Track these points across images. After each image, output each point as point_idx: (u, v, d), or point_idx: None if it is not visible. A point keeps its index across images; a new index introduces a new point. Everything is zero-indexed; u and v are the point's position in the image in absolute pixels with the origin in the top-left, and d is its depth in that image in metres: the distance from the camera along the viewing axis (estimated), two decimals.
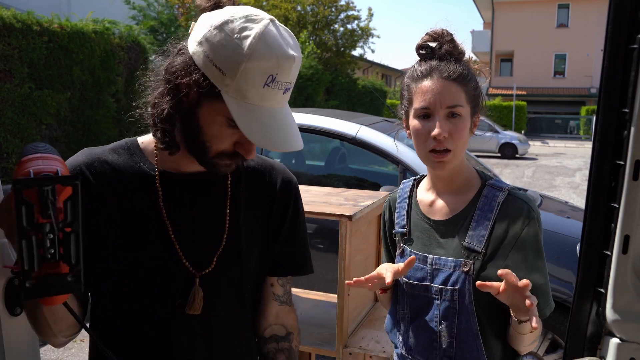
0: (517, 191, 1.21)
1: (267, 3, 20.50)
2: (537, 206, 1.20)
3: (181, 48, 0.96)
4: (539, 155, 20.19)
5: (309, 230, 3.47)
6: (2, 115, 6.64)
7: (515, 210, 1.17)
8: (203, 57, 0.91)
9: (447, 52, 1.20)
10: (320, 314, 2.03)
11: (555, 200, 4.29)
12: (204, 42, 0.91)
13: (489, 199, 1.19)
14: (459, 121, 1.16)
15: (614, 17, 1.04)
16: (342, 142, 3.79)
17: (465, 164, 1.24)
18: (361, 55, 23.50)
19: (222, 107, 0.91)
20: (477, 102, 1.21)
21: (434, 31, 1.22)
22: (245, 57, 0.87)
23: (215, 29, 0.90)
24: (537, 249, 1.17)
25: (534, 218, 1.17)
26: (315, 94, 16.23)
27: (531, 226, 1.16)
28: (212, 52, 0.90)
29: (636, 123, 1.05)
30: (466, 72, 1.19)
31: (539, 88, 34.42)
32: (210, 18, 0.93)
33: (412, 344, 1.28)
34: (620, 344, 1.17)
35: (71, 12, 9.33)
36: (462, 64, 1.20)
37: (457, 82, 1.17)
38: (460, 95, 1.17)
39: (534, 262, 1.17)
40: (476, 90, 1.21)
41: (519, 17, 34.13)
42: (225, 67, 0.89)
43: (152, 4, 11.55)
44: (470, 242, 1.18)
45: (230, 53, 0.88)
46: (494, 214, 1.17)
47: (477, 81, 1.22)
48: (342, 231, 1.63)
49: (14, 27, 6.67)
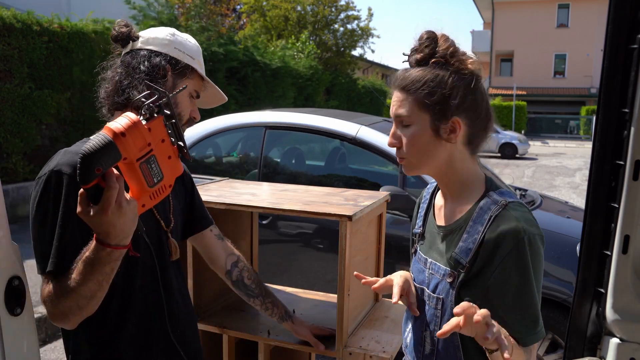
0: (515, 206, 1.11)
1: (267, 3, 20.49)
2: (533, 225, 1.09)
3: (146, 55, 1.33)
4: (539, 155, 20.18)
5: (309, 231, 3.47)
6: (2, 115, 6.64)
7: (506, 228, 1.07)
8: (176, 51, 1.36)
9: (420, 60, 1.16)
10: (320, 314, 2.03)
11: (555, 200, 4.29)
12: (171, 43, 1.36)
13: (484, 210, 1.12)
14: (408, 131, 1.16)
15: (614, 17, 1.05)
16: (342, 142, 3.79)
17: (467, 170, 1.19)
18: (361, 55, 23.48)
19: (192, 82, 1.38)
20: (440, 108, 1.13)
21: (420, 35, 1.18)
22: (197, 47, 1.43)
23: (170, 35, 1.38)
24: (522, 273, 1.07)
25: (522, 240, 1.06)
26: (315, 94, 16.21)
27: (519, 248, 1.06)
28: (180, 47, 1.37)
29: (636, 123, 1.05)
30: (424, 79, 1.13)
31: (539, 88, 34.42)
32: (156, 32, 1.37)
33: (407, 342, 1.30)
34: (620, 344, 1.17)
35: (71, 12, 9.33)
36: (432, 69, 1.14)
37: (405, 91, 1.15)
38: (406, 105, 1.15)
39: (518, 287, 1.07)
40: (434, 97, 1.12)
41: (519, 17, 34.13)
42: (192, 53, 1.39)
43: (152, 4, 11.53)
44: (458, 253, 1.14)
45: (192, 45, 1.41)
46: (484, 228, 1.10)
47: (450, 84, 1.12)
48: (342, 231, 1.63)
49: (14, 27, 6.67)
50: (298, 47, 16.88)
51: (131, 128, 0.94)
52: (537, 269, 1.08)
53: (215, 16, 15.16)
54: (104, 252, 1.00)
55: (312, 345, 1.71)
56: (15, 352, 0.95)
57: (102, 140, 0.91)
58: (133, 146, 0.94)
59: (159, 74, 1.31)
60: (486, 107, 1.17)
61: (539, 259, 1.08)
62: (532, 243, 1.06)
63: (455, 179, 1.19)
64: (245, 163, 4.09)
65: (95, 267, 1.02)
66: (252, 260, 2.35)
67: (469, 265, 1.12)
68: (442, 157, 1.17)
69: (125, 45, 1.35)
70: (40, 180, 1.17)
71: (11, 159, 6.87)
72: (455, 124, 1.14)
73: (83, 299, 1.07)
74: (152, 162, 0.99)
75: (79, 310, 1.09)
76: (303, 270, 3.45)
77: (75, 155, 1.17)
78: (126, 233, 1.01)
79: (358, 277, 1.26)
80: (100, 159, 0.90)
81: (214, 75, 11.55)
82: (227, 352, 1.89)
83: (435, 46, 1.15)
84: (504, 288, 1.08)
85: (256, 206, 1.76)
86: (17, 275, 0.96)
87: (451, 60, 1.14)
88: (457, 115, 1.13)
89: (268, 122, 3.75)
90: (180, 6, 13.84)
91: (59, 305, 1.08)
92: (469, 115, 1.15)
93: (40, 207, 1.15)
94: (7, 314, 0.93)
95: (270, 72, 13.28)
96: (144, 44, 1.35)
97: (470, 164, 1.19)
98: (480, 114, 1.16)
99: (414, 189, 3.25)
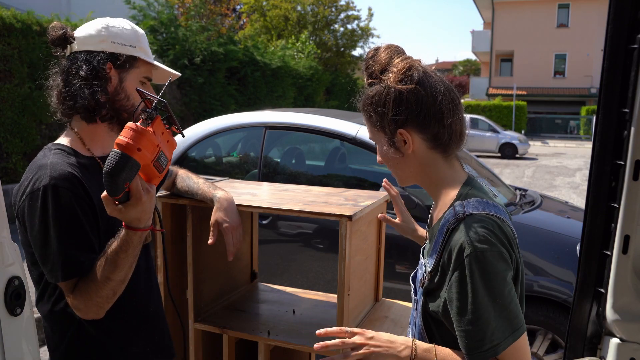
0: (471, 220, 1.05)
1: (267, 3, 20.49)
2: (486, 240, 1.03)
3: (83, 58, 1.33)
4: (539, 155, 20.18)
5: (309, 231, 3.47)
6: (2, 115, 6.64)
7: (453, 245, 1.05)
8: (113, 44, 1.34)
9: (366, 82, 1.18)
10: (320, 314, 2.03)
11: (555, 200, 4.29)
12: (106, 38, 1.34)
13: (445, 222, 1.10)
14: (378, 149, 1.20)
15: (614, 17, 1.05)
16: (342, 142, 3.79)
17: (441, 174, 1.17)
18: (361, 56, 23.47)
19: (139, 70, 1.39)
20: (383, 124, 1.13)
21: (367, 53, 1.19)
22: (135, 32, 1.39)
23: (104, 29, 1.35)
24: (461, 291, 1.03)
25: (464, 257, 1.02)
26: (315, 94, 16.22)
27: (461, 266, 1.03)
28: (117, 38, 1.35)
29: (636, 123, 1.05)
30: (366, 101, 1.15)
31: (539, 88, 34.41)
32: (89, 29, 1.35)
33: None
34: (620, 344, 1.17)
35: (71, 12, 9.33)
36: (373, 88, 1.14)
37: (362, 112, 1.18)
38: (367, 126, 1.19)
39: (459, 306, 1.04)
40: (377, 115, 1.13)
41: (519, 17, 34.12)
42: (131, 42, 1.37)
43: (152, 4, 11.53)
44: (428, 261, 1.16)
45: (129, 33, 1.38)
46: (442, 240, 1.09)
47: (384, 99, 1.12)
48: (342, 231, 1.63)
49: (14, 27, 6.67)
50: (298, 47, 16.88)
51: (142, 140, 1.07)
52: (490, 286, 1.01)
53: (215, 16, 15.16)
54: (136, 236, 1.16)
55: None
56: (15, 352, 0.95)
57: (122, 159, 1.04)
58: (147, 154, 1.09)
59: (100, 75, 1.32)
60: (436, 109, 1.11)
61: (489, 276, 1.01)
62: (480, 260, 1.01)
63: (431, 184, 1.19)
64: (245, 163, 4.09)
65: (128, 251, 1.18)
66: (252, 260, 2.35)
67: (432, 274, 1.12)
68: (414, 166, 1.16)
69: (64, 48, 1.36)
70: (35, 195, 1.22)
71: (11, 159, 6.87)
72: (402, 136, 1.13)
73: (118, 284, 1.22)
74: (161, 155, 1.14)
75: (113, 296, 1.23)
76: (303, 270, 3.45)
77: (61, 166, 1.26)
78: (151, 214, 1.17)
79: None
80: (125, 175, 1.05)
81: (214, 75, 11.56)
82: (227, 352, 1.89)
83: (372, 64, 1.15)
84: (450, 305, 1.06)
85: (256, 206, 1.76)
86: (17, 275, 0.96)
87: (382, 76, 1.13)
88: (401, 127, 1.12)
89: (268, 122, 3.75)
90: (180, 6, 13.84)
91: (94, 297, 1.21)
92: (414, 121, 1.12)
93: (44, 220, 1.21)
94: (7, 314, 0.93)
95: (270, 72, 13.28)
96: (81, 46, 1.35)
97: (445, 168, 1.16)
98: (431, 118, 1.11)
99: (414, 189, 3.25)
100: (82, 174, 1.29)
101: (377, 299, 2.10)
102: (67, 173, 1.26)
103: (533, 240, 3.05)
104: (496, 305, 1.01)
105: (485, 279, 1.01)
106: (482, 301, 1.01)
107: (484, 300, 1.01)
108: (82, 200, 1.26)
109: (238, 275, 2.24)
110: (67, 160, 1.30)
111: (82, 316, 1.24)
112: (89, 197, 1.28)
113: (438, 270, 1.11)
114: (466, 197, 1.11)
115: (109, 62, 1.33)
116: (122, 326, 1.40)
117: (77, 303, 1.22)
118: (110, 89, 1.36)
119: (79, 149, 1.37)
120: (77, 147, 1.37)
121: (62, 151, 1.34)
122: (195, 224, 1.86)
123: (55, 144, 1.38)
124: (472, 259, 1.01)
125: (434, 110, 1.11)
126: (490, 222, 1.05)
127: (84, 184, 1.27)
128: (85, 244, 1.25)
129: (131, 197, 1.10)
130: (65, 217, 1.22)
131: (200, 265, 1.91)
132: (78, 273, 1.22)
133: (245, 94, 12.49)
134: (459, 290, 1.03)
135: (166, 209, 1.92)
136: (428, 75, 1.13)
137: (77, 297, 1.22)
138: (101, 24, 1.36)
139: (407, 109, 1.11)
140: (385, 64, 1.13)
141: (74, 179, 1.26)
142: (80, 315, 1.24)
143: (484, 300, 1.01)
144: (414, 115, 1.11)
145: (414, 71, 1.11)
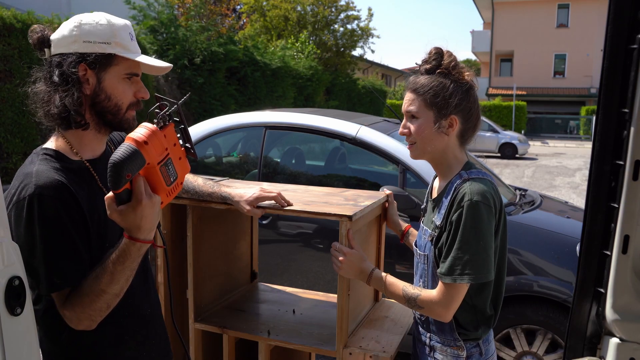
0: (472, 181, 1.43)
1: (267, 3, 20.49)
2: (481, 195, 1.39)
3: (56, 62, 1.25)
4: (539, 155, 20.18)
5: (309, 231, 3.47)
6: (2, 115, 6.64)
7: (458, 196, 1.42)
8: (85, 44, 1.25)
9: (428, 70, 1.48)
10: (320, 314, 2.03)
11: (555, 200, 4.29)
12: (77, 38, 1.25)
13: (452, 184, 1.47)
14: (416, 122, 1.50)
15: (614, 17, 1.05)
16: (342, 142, 3.79)
17: (455, 157, 1.52)
18: (361, 56, 23.49)
19: (119, 67, 1.29)
20: (442, 107, 1.46)
21: (430, 50, 1.50)
22: (111, 26, 1.28)
23: (76, 28, 1.26)
24: (457, 228, 1.39)
25: (463, 204, 1.39)
26: (315, 94, 16.22)
27: (460, 210, 1.39)
28: (89, 36, 1.25)
29: (636, 123, 1.05)
30: (430, 84, 1.46)
31: (539, 88, 34.41)
32: (63, 30, 1.27)
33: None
34: (620, 344, 1.17)
35: (71, 12, 9.32)
36: (437, 77, 1.46)
37: (415, 92, 1.49)
38: (416, 103, 1.49)
39: (457, 238, 1.39)
40: (437, 98, 1.45)
41: (519, 17, 34.12)
42: (105, 38, 1.26)
43: (152, 4, 11.53)
44: (437, 218, 1.50)
45: (103, 28, 1.27)
46: (450, 197, 1.45)
47: (451, 89, 1.45)
48: (342, 231, 1.63)
49: (14, 27, 6.67)
50: (298, 47, 16.89)
51: (152, 136, 1.07)
52: (478, 228, 1.38)
53: (215, 16, 15.14)
54: (134, 247, 1.13)
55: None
56: (15, 352, 0.95)
57: (128, 149, 1.03)
58: (154, 152, 1.08)
59: (70, 79, 1.25)
60: (477, 110, 1.51)
61: (477, 222, 1.38)
62: (474, 207, 1.38)
63: (445, 163, 1.53)
64: (245, 163, 4.09)
65: (125, 263, 1.14)
66: (252, 260, 2.35)
67: (441, 225, 1.46)
68: (440, 146, 1.50)
69: (42, 52, 1.29)
70: (20, 204, 1.18)
71: (11, 159, 6.86)
72: (452, 120, 1.48)
73: (113, 298, 1.18)
74: (169, 164, 1.14)
75: (107, 309, 1.20)
76: (303, 270, 3.45)
77: (47, 173, 1.22)
78: (153, 226, 1.13)
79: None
80: (129, 166, 1.03)
81: (214, 75, 11.56)
82: (227, 352, 1.89)
83: (441, 60, 1.47)
84: (447, 236, 1.43)
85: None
86: (17, 275, 0.96)
87: (452, 72, 1.46)
88: (454, 114, 1.47)
89: (268, 122, 3.75)
90: (180, 6, 13.83)
91: (87, 310, 1.17)
92: (464, 115, 1.48)
93: (30, 231, 1.17)
94: (7, 314, 0.93)
95: (270, 72, 13.28)
96: (55, 48, 1.28)
97: (459, 153, 1.53)
98: (472, 115, 1.50)
99: (414, 189, 3.25)
100: (70, 179, 1.25)
101: (377, 299, 2.10)
102: (54, 181, 1.21)
103: (533, 240, 3.05)
104: (479, 245, 1.38)
105: (476, 221, 1.38)
106: (469, 238, 1.38)
107: (471, 238, 1.38)
108: (69, 208, 1.21)
109: (238, 275, 2.25)
110: (54, 166, 1.26)
111: (74, 327, 1.21)
112: (77, 204, 1.23)
113: (446, 221, 1.44)
114: (469, 169, 1.49)
115: (82, 64, 1.25)
116: (117, 330, 1.37)
117: (69, 314, 1.19)
118: (89, 92, 1.28)
119: (67, 153, 1.32)
120: (65, 151, 1.32)
121: (49, 157, 1.29)
122: (195, 224, 1.86)
123: (43, 148, 1.33)
124: (467, 206, 1.38)
125: (477, 113, 1.52)
126: (487, 182, 1.44)
127: (71, 191, 1.23)
128: (72, 254, 1.21)
129: (132, 196, 1.08)
130: (51, 227, 1.18)
131: (200, 265, 1.91)
132: (64, 284, 1.19)
133: (245, 94, 12.49)
134: (454, 227, 1.40)
135: (166, 209, 1.93)
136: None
137: (69, 308, 1.19)
138: (74, 23, 1.28)
139: (467, 102, 1.47)
140: (455, 64, 1.47)
141: (61, 186, 1.22)
142: (72, 326, 1.21)
143: (470, 237, 1.38)
144: (467, 108, 1.48)
145: (473, 77, 1.50)
